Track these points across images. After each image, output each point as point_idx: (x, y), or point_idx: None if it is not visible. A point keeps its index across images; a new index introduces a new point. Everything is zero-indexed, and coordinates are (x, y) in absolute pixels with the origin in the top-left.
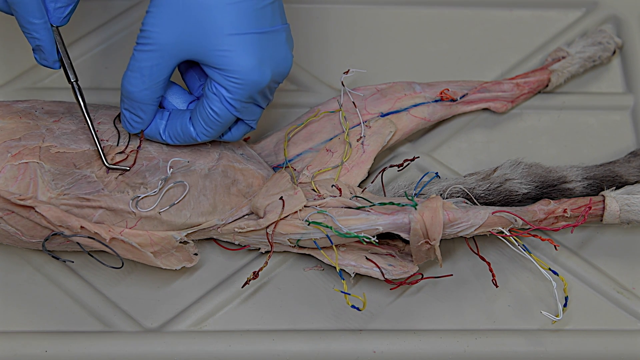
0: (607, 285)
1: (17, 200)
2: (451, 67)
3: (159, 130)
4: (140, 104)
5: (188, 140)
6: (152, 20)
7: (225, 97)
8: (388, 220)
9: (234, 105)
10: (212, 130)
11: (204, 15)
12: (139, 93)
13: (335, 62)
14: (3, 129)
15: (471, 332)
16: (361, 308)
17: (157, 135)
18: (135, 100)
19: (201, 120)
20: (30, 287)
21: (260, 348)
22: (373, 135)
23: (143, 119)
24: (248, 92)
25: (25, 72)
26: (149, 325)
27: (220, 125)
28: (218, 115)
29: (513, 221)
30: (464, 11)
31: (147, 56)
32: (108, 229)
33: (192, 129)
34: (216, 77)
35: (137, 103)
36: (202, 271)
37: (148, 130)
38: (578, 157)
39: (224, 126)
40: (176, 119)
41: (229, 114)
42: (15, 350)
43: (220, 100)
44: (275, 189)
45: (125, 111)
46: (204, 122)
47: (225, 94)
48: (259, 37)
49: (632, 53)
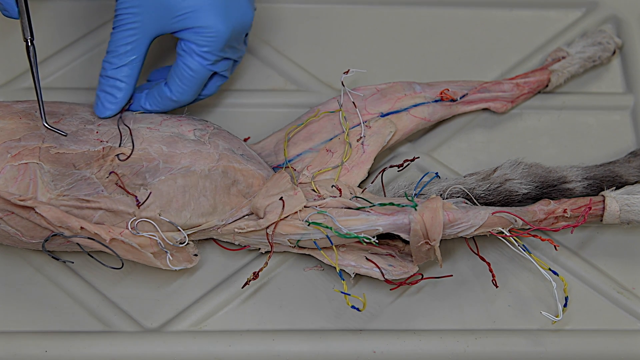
0: (607, 285)
1: (17, 200)
2: (451, 67)
3: (140, 103)
4: (115, 81)
5: (166, 103)
6: (124, 4)
7: (196, 52)
8: (388, 221)
9: (205, 57)
10: (188, 87)
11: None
12: (115, 70)
13: (335, 62)
14: (3, 130)
15: (471, 332)
16: (361, 308)
17: (139, 107)
18: (111, 77)
19: (177, 79)
20: (30, 287)
21: (260, 348)
22: (373, 135)
23: (117, 98)
24: (216, 42)
25: (25, 72)
26: (149, 325)
27: (194, 81)
28: (192, 70)
29: (513, 221)
30: (464, 11)
31: (121, 36)
32: (108, 230)
33: (168, 90)
34: (186, 36)
35: (113, 80)
36: (202, 271)
37: (131, 106)
38: (578, 157)
39: (198, 82)
40: (154, 88)
41: (202, 67)
42: (15, 350)
43: (191, 55)
44: (275, 189)
45: (100, 92)
46: (179, 79)
47: (196, 49)
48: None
49: (632, 53)
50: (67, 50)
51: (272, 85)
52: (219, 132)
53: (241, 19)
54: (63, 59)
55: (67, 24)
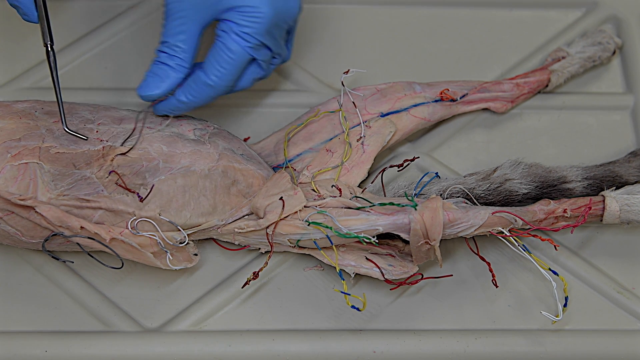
0: (607, 285)
1: (18, 200)
2: (451, 67)
3: (176, 97)
4: (167, 67)
5: (202, 89)
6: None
7: (235, 31)
8: (388, 221)
9: (244, 39)
10: (225, 70)
11: None
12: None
13: (335, 62)
14: (3, 130)
15: (471, 332)
16: (361, 308)
17: (175, 102)
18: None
19: (214, 61)
20: (30, 287)
21: (260, 348)
22: (373, 135)
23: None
24: (258, 24)
25: (25, 72)
26: (149, 325)
27: (233, 64)
28: (230, 51)
29: (513, 221)
30: (464, 11)
31: (171, 25)
32: (108, 230)
33: (204, 75)
34: (227, 16)
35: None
36: (202, 271)
37: (167, 103)
38: (578, 157)
39: (236, 66)
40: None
41: (241, 49)
42: (15, 350)
43: (230, 35)
44: (275, 189)
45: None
46: (217, 62)
47: (236, 28)
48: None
49: (632, 53)
50: (67, 50)
51: (272, 85)
52: (219, 132)
53: (286, 7)
54: (63, 59)
55: (67, 24)
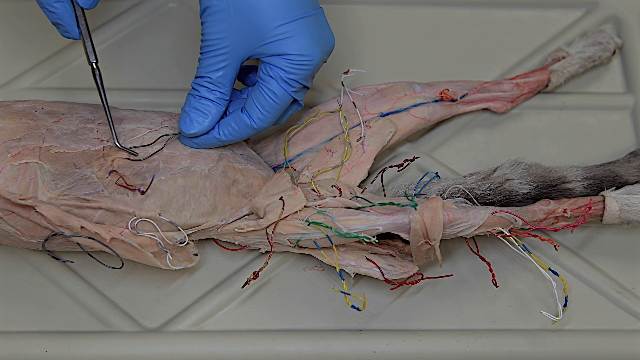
0: (607, 285)
1: (18, 200)
2: (451, 67)
3: (213, 135)
4: (208, 101)
5: (244, 131)
6: (210, 29)
7: (283, 78)
8: (388, 221)
9: (291, 85)
10: (269, 114)
11: (254, 13)
12: (208, 92)
13: (335, 62)
14: (3, 129)
15: (471, 332)
16: (361, 308)
17: (212, 139)
18: (203, 97)
19: (258, 105)
20: (30, 287)
21: (260, 348)
22: (373, 135)
23: (208, 117)
24: (305, 70)
25: (25, 72)
26: (149, 325)
27: (277, 108)
28: (276, 96)
29: (513, 221)
30: (464, 11)
31: (210, 62)
32: (108, 229)
33: (247, 118)
34: (274, 61)
35: (206, 100)
36: (202, 271)
37: (203, 138)
38: (578, 157)
39: (279, 109)
40: (229, 117)
41: (286, 94)
42: (15, 350)
43: (277, 81)
44: (275, 189)
45: (189, 109)
46: (261, 106)
47: (284, 75)
48: (306, 20)
49: (632, 53)
50: (67, 50)
51: None
52: None
53: (328, 46)
54: (63, 59)
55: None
